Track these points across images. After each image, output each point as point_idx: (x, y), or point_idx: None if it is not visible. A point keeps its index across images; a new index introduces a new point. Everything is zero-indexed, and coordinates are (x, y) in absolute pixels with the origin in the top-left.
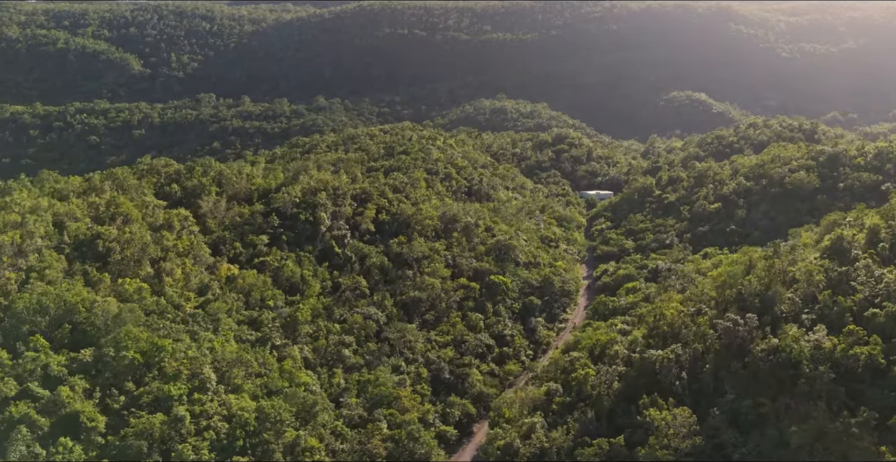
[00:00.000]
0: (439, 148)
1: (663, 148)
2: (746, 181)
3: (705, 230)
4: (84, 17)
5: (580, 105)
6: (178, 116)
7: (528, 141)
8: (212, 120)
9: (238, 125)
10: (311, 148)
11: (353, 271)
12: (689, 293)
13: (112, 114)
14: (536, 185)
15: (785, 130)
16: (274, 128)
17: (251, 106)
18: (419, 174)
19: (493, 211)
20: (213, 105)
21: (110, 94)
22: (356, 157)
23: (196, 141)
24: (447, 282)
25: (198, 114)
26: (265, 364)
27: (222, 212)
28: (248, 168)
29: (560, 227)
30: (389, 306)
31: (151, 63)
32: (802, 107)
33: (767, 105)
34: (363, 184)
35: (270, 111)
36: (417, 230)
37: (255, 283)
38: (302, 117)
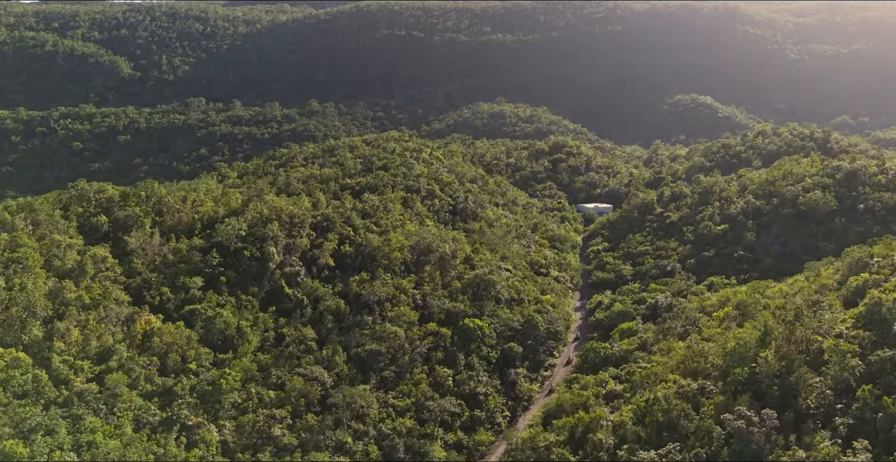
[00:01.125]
0: (424, 161)
1: (667, 156)
2: (756, 200)
3: (710, 255)
4: (74, 19)
5: (582, 108)
6: (165, 121)
7: (524, 150)
8: (200, 125)
9: (227, 131)
10: (288, 160)
11: (303, 318)
12: (691, 357)
13: (97, 119)
14: (531, 198)
15: (796, 139)
16: (264, 133)
17: (242, 110)
18: (393, 196)
19: (478, 233)
20: (203, 109)
21: (98, 99)
22: (330, 172)
23: (183, 147)
24: (413, 328)
25: (186, 119)
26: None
27: (154, 248)
28: (195, 194)
29: (553, 248)
30: (341, 362)
31: (142, 66)
32: (811, 110)
33: (775, 108)
34: (326, 209)
35: (261, 116)
36: (384, 264)
37: (175, 342)
38: (293, 122)
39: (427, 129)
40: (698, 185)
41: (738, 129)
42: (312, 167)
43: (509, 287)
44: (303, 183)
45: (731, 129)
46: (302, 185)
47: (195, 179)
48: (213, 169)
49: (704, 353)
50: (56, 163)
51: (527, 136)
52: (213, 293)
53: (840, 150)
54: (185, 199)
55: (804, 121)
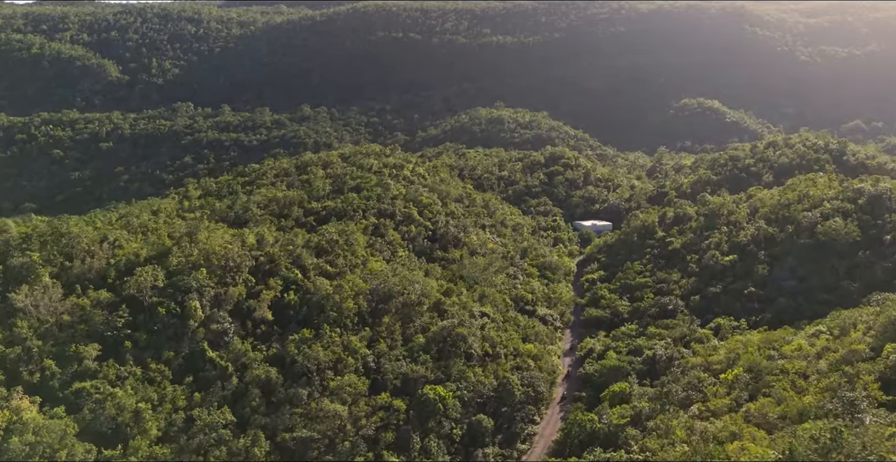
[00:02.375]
0: (405, 179)
1: (671, 165)
2: (768, 225)
3: (717, 291)
4: (64, 21)
5: (584, 113)
6: (150, 128)
7: (519, 161)
8: (186, 131)
9: (213, 137)
10: (257, 178)
11: (225, 391)
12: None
13: (80, 125)
14: (524, 216)
15: (809, 151)
16: (252, 140)
17: (230, 116)
18: (356, 227)
19: (458, 264)
20: (190, 115)
21: (84, 103)
22: (295, 195)
23: (167, 154)
24: (360, 402)
25: (172, 125)
26: None
27: (49, 306)
28: (118, 233)
29: (542, 278)
30: (261, 454)
31: (130, 69)
32: (822, 114)
33: (785, 112)
34: (272, 247)
35: (250, 122)
36: (333, 317)
37: (43, 439)
38: (283, 128)
39: (423, 135)
40: (704, 206)
41: (747, 135)
42: (278, 188)
43: (483, 339)
44: (263, 207)
45: (738, 135)
46: (262, 209)
47: (163, 196)
48: (197, 174)
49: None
50: (35, 171)
51: (525, 143)
52: (112, 363)
53: (857, 164)
54: (104, 241)
55: (815, 126)
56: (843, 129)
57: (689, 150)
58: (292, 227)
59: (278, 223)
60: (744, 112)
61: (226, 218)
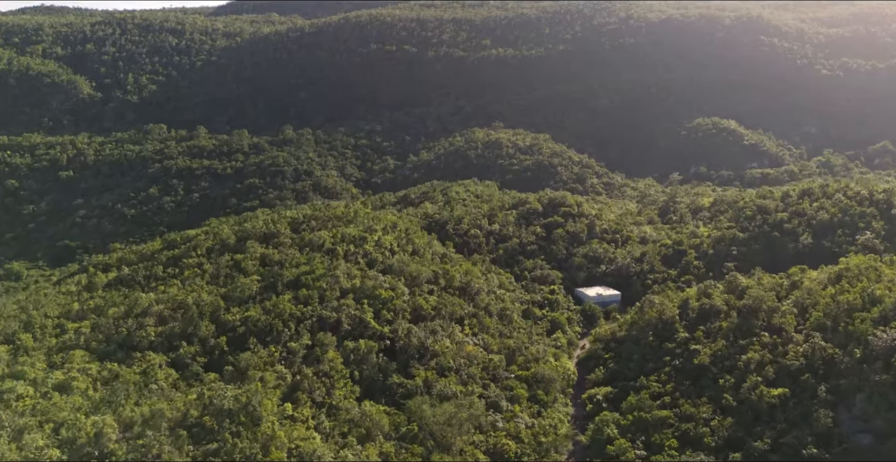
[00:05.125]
0: (365, 257)
1: (686, 204)
2: (824, 341)
3: (765, 448)
4: (38, 33)
5: (589, 134)
6: (116, 153)
7: (513, 209)
8: (155, 157)
9: (184, 165)
10: (185, 253)
11: None
12: None
13: (40, 151)
14: (517, 282)
15: (852, 204)
16: (226, 167)
17: (205, 139)
18: (260, 388)
19: (415, 413)
20: (162, 138)
21: (51, 124)
22: (208, 302)
23: (131, 185)
24: None
25: (140, 150)
26: None
27: None
28: None
29: (532, 401)
30: None
31: (104, 85)
32: (848, 134)
33: (807, 133)
34: (111, 444)
35: (226, 146)
36: None
37: None
38: (262, 154)
39: (414, 160)
40: (734, 293)
41: (766, 160)
42: (194, 284)
43: None
44: (161, 321)
45: (757, 159)
46: (159, 326)
47: (69, 275)
48: (163, 208)
49: None
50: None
51: (525, 170)
52: None
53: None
54: None
55: (840, 146)
56: (871, 151)
57: (705, 176)
58: (192, 358)
59: (172, 357)
60: (762, 132)
61: (106, 352)
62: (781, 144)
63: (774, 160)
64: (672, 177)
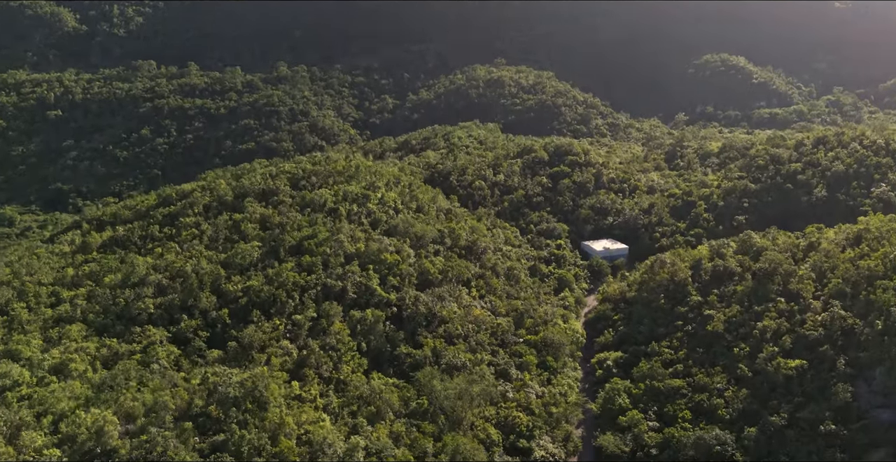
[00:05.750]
0: (369, 217)
1: (694, 149)
2: (843, 310)
3: (781, 423)
4: None
5: (595, 71)
6: (105, 92)
7: (518, 158)
8: (146, 96)
9: (176, 104)
10: (182, 211)
11: None
12: None
13: (26, 89)
14: (522, 236)
15: (867, 152)
16: (220, 107)
17: (197, 76)
18: (266, 372)
19: (425, 387)
20: (152, 75)
21: (36, 59)
22: (208, 270)
23: (123, 126)
24: None
25: (130, 88)
26: None
27: None
28: None
29: (541, 368)
30: None
31: (89, 18)
32: (858, 72)
33: (817, 69)
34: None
35: (218, 84)
36: None
37: None
38: (256, 92)
39: (413, 99)
40: (749, 254)
41: (775, 99)
42: (194, 248)
43: None
44: (161, 292)
45: (766, 98)
46: (158, 297)
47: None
48: (156, 151)
49: None
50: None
51: (528, 111)
52: None
53: None
54: None
55: (850, 85)
56: (882, 89)
57: (712, 117)
58: (194, 332)
59: (173, 331)
60: (772, 70)
61: (104, 326)
62: (790, 82)
63: (783, 99)
64: (678, 117)
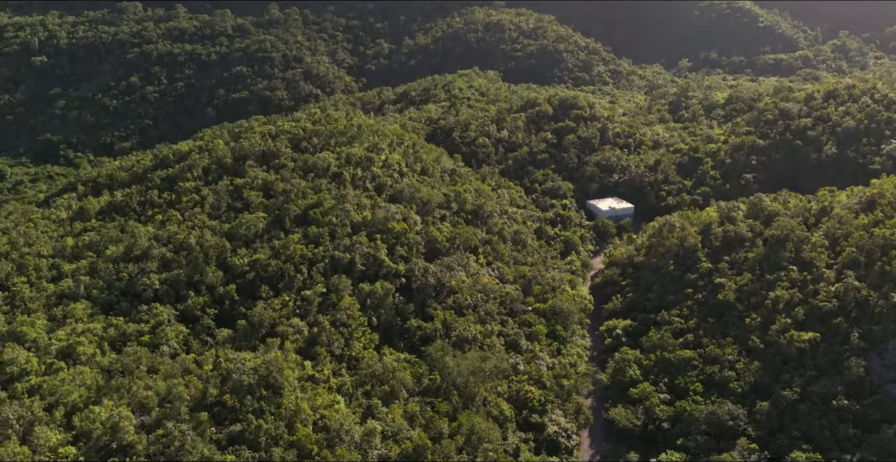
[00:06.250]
0: (373, 178)
1: (699, 100)
2: (857, 281)
3: (794, 397)
4: None
5: (597, 14)
6: (91, 35)
7: (522, 112)
8: (133, 41)
9: (165, 50)
10: (181, 173)
11: None
12: None
13: (9, 33)
14: (527, 195)
15: (879, 107)
16: (210, 53)
17: (185, 20)
18: (281, 357)
19: (437, 362)
20: (138, 18)
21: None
22: (212, 243)
23: (110, 73)
24: None
25: (116, 32)
26: None
27: None
28: None
29: (551, 338)
30: None
31: None
32: (865, 14)
33: (823, 13)
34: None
35: (208, 28)
36: None
37: None
38: (248, 38)
39: (409, 44)
40: (761, 219)
41: (780, 44)
42: (196, 217)
43: None
44: (166, 266)
45: (771, 43)
46: (163, 272)
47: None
48: (146, 100)
49: None
50: None
51: (528, 57)
52: None
53: None
54: None
55: (856, 28)
56: (888, 32)
57: (716, 63)
58: (202, 309)
59: (180, 308)
60: (778, 13)
61: (109, 302)
62: (797, 26)
63: (789, 44)
64: (681, 63)
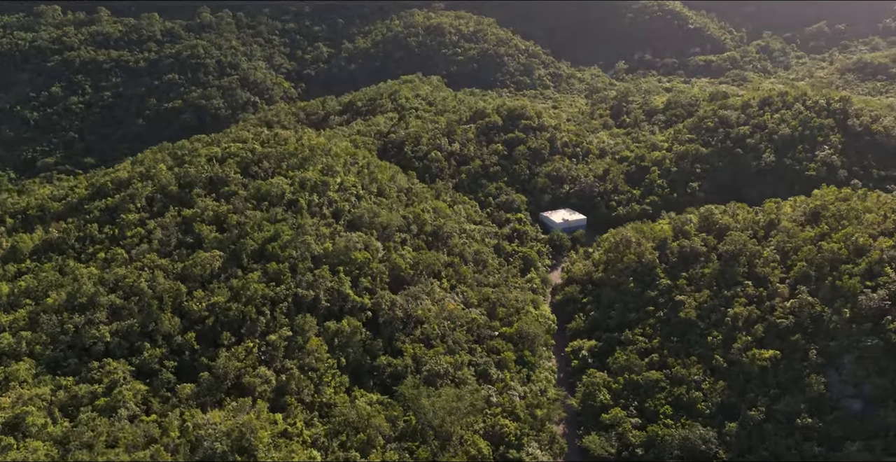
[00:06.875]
0: (329, 203)
1: (639, 105)
2: (809, 292)
3: (759, 417)
4: None
5: (535, 15)
6: (6, 43)
7: (471, 123)
8: (53, 48)
9: (89, 57)
10: (122, 204)
11: None
12: None
13: None
14: (482, 210)
15: (810, 114)
16: (139, 60)
17: (109, 24)
18: (247, 419)
19: (412, 401)
20: (58, 22)
21: None
22: (165, 287)
23: (30, 83)
24: None
25: (34, 39)
26: None
27: None
28: None
29: (520, 364)
30: None
31: None
32: (787, 13)
33: (747, 12)
34: None
35: (135, 33)
36: None
37: None
38: (178, 43)
39: (349, 48)
40: (713, 233)
41: (710, 45)
42: (145, 257)
43: None
44: (115, 312)
45: (700, 44)
46: (111, 322)
47: None
48: (70, 111)
49: None
50: None
51: (470, 61)
52: None
53: (863, 130)
54: None
55: (779, 28)
56: (807, 32)
57: (650, 64)
58: (160, 362)
59: (136, 363)
60: (706, 15)
61: (55, 360)
62: (723, 27)
63: (717, 45)
64: (618, 65)
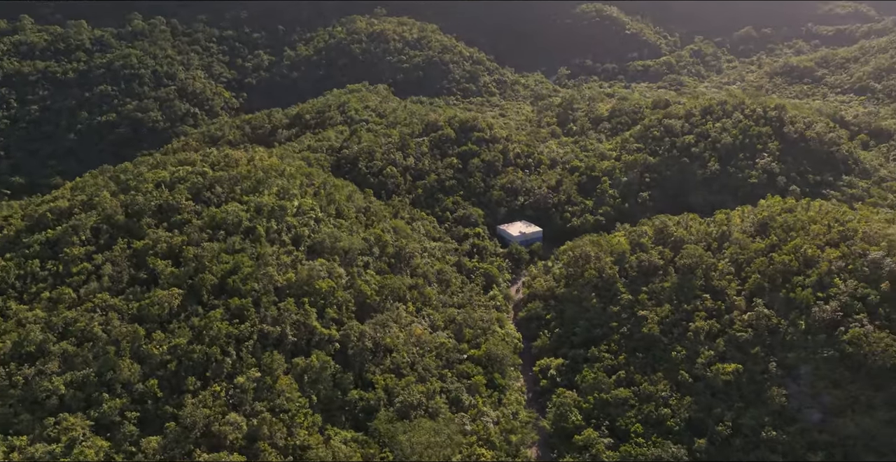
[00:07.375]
0: (288, 228)
1: (584, 111)
2: (765, 308)
3: (726, 432)
4: None
5: (477, 21)
6: None
7: (424, 136)
8: None
9: (12, 68)
10: (64, 237)
11: None
12: None
13: None
14: (440, 225)
15: (749, 122)
16: (67, 71)
17: (34, 33)
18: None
19: (388, 440)
20: None
21: None
22: (123, 332)
23: None
24: None
25: None
26: None
27: None
28: None
29: (490, 387)
30: None
31: None
32: (716, 18)
33: (678, 16)
34: None
35: (62, 42)
36: None
37: None
38: (109, 52)
39: (291, 56)
40: (668, 246)
41: (647, 49)
42: (96, 297)
43: None
44: (65, 382)
45: (638, 49)
46: (64, 383)
47: None
48: None
49: None
50: None
51: (416, 68)
52: None
53: (798, 137)
54: None
55: (708, 33)
56: (735, 37)
57: (591, 70)
58: (121, 414)
59: (94, 416)
60: (641, 20)
61: (6, 418)
62: (658, 32)
63: (653, 50)
64: (560, 71)
